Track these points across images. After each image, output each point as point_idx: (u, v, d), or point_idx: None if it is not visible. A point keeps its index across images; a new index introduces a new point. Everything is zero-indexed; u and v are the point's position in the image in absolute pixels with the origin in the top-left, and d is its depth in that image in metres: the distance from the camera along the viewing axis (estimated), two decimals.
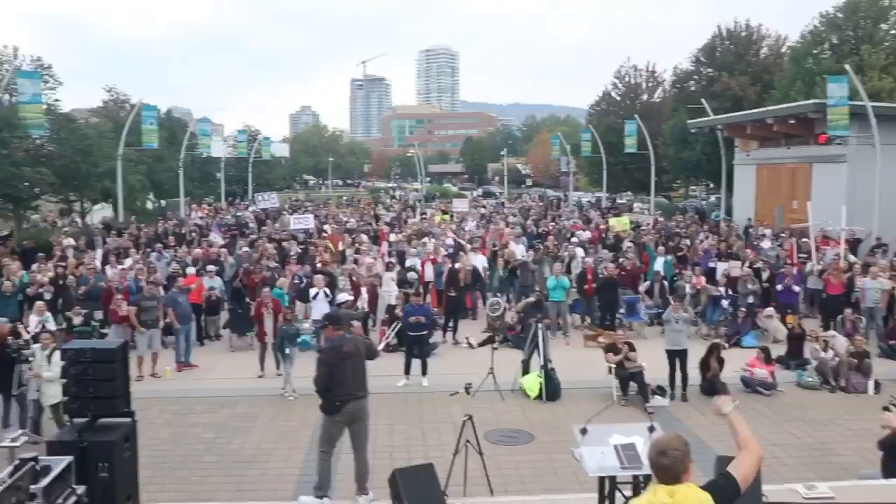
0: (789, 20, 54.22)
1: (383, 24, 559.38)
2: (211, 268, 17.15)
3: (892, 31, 38.11)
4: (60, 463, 5.28)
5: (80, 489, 5.47)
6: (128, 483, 6.34)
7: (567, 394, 12.36)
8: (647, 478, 5.02)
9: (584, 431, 5.34)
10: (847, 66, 24.49)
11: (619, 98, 54.50)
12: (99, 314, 14.72)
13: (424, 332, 13.48)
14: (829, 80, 23.71)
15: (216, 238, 24.26)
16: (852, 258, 18.69)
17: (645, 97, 54.06)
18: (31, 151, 28.04)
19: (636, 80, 54.46)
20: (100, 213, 37.98)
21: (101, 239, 23.88)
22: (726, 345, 14.38)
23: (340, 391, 7.75)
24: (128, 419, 6.56)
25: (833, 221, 19.59)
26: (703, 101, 38.39)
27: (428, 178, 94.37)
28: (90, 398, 6.33)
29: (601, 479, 5.20)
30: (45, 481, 4.95)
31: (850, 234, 19.97)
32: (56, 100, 30.59)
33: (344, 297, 15.03)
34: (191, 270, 17.05)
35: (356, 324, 10.63)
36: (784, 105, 29.07)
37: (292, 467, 9.34)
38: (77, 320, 13.80)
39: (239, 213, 36.83)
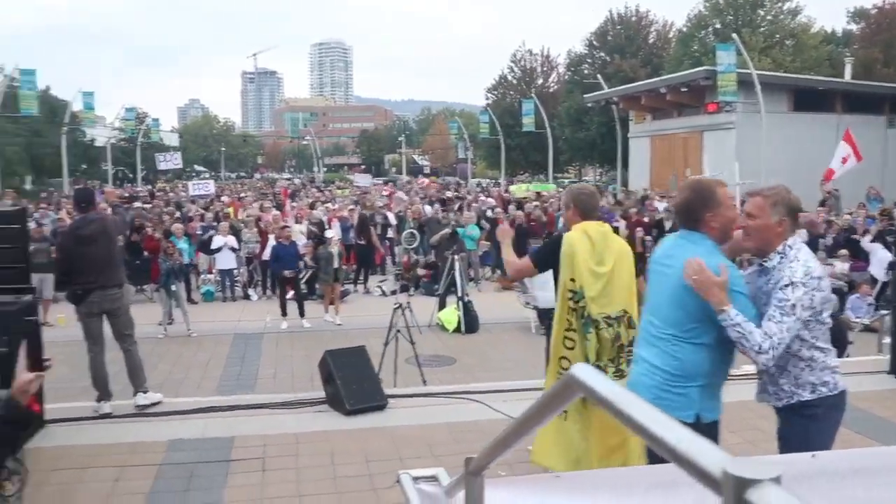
0: (675, 6, 56.40)
1: (273, 19, 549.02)
2: None
3: (769, 17, 40.49)
4: None
5: None
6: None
7: (485, 327, 12.31)
8: None
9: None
10: (735, 36, 25.67)
11: (515, 82, 55.30)
12: None
13: (296, 271, 13.18)
14: (718, 47, 24.78)
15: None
16: None
17: (540, 81, 55.07)
18: None
19: (531, 65, 55.39)
20: None
21: None
22: None
23: (81, 279, 6.70)
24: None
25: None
26: (598, 76, 39.45)
27: (325, 168, 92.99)
28: None
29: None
30: None
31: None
32: None
33: (330, 233, 14.51)
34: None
35: None
36: (677, 73, 30.20)
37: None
38: None
39: (126, 194, 35.11)
